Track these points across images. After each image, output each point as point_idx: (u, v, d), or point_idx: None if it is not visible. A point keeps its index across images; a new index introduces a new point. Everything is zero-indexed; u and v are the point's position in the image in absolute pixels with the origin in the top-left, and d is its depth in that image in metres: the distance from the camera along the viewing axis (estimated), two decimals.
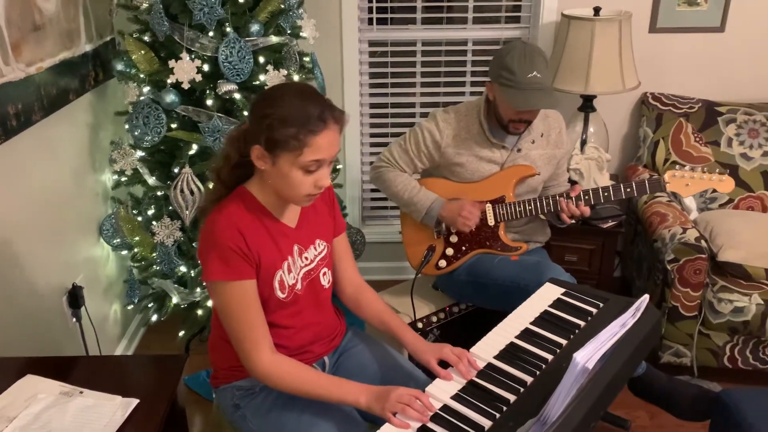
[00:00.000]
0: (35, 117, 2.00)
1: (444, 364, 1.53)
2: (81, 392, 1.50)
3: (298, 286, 1.58)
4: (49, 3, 2.09)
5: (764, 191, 2.83)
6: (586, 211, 2.18)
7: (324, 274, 1.66)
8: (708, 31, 2.97)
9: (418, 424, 1.33)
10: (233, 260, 1.45)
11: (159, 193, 2.44)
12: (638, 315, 1.26)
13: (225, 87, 2.25)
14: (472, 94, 3.17)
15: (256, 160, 1.45)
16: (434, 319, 2.38)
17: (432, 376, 1.52)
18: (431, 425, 1.33)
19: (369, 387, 1.46)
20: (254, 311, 1.49)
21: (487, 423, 1.32)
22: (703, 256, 2.36)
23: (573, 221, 2.22)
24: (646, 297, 1.31)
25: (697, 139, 2.88)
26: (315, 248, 1.63)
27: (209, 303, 2.44)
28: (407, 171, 2.33)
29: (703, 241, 2.40)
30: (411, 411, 1.34)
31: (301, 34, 2.50)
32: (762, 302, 2.38)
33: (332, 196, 1.72)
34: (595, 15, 2.72)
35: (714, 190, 2.85)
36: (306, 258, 1.60)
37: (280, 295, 1.54)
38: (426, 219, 2.28)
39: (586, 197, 2.18)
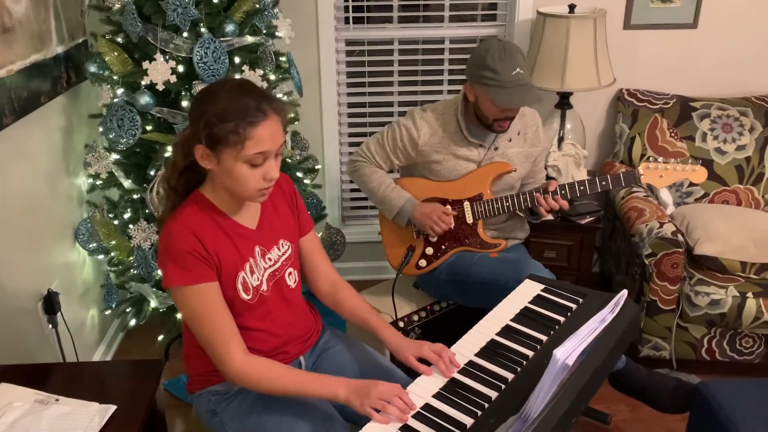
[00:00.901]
0: (6, 120, 1.97)
1: (424, 361, 1.52)
2: (57, 400, 1.48)
3: (263, 287, 1.56)
4: (18, 5, 2.05)
5: (738, 185, 2.87)
6: (565, 204, 2.18)
7: (290, 274, 1.64)
8: (681, 27, 3.00)
9: (400, 423, 1.33)
10: (191, 264, 1.42)
11: (135, 196, 2.41)
12: (617, 310, 1.27)
13: (200, 88, 2.22)
14: (450, 92, 3.18)
15: (200, 160, 1.43)
16: (415, 317, 2.38)
17: (412, 374, 1.52)
18: (413, 423, 1.33)
19: (348, 380, 1.44)
20: (220, 314, 1.46)
21: (468, 420, 1.32)
22: (680, 250, 2.39)
23: (551, 216, 2.23)
24: (624, 292, 1.32)
25: (673, 134, 2.91)
26: (278, 249, 1.61)
27: None
28: (383, 167, 2.33)
29: (679, 235, 2.42)
30: (392, 409, 1.34)
31: (276, 33, 2.48)
32: (738, 294, 2.41)
33: (295, 196, 1.69)
34: (570, 12, 2.74)
35: (690, 184, 2.88)
36: (269, 259, 1.58)
37: (244, 296, 1.52)
38: (398, 218, 2.28)
39: (563, 192, 2.19)
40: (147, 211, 2.36)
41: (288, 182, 1.68)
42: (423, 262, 2.32)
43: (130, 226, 2.37)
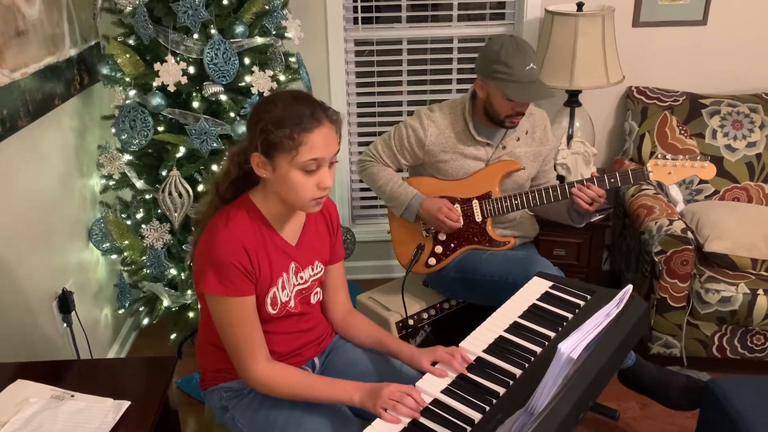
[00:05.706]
0: (21, 123, 2.00)
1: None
2: (72, 396, 1.50)
3: (291, 303, 1.59)
4: (32, 8, 2.09)
5: (749, 182, 2.86)
6: (600, 190, 2.13)
7: (315, 293, 1.67)
8: (690, 24, 2.99)
9: (409, 419, 1.34)
10: (234, 277, 1.44)
11: (147, 197, 2.44)
12: (622, 305, 1.27)
13: (211, 89, 2.25)
14: (459, 91, 3.18)
15: (257, 169, 1.45)
16: (425, 315, 2.40)
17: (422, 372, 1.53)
18: (422, 420, 1.34)
19: (361, 384, 1.46)
20: (252, 325, 1.50)
21: (476, 416, 1.33)
22: (690, 247, 2.38)
23: (591, 207, 2.14)
24: (629, 287, 1.33)
25: (682, 131, 2.90)
26: (312, 269, 1.63)
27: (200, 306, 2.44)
28: (391, 166, 2.35)
29: (689, 233, 2.42)
30: (402, 408, 1.35)
31: (286, 34, 2.50)
32: (748, 291, 2.40)
33: (336, 224, 1.71)
34: (578, 10, 2.74)
35: (700, 181, 2.87)
36: (301, 277, 1.61)
37: (271, 311, 1.55)
38: (406, 214, 2.29)
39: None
40: (159, 211, 2.38)
41: (334, 209, 1.71)
42: (432, 261, 2.34)
43: (143, 226, 2.40)
